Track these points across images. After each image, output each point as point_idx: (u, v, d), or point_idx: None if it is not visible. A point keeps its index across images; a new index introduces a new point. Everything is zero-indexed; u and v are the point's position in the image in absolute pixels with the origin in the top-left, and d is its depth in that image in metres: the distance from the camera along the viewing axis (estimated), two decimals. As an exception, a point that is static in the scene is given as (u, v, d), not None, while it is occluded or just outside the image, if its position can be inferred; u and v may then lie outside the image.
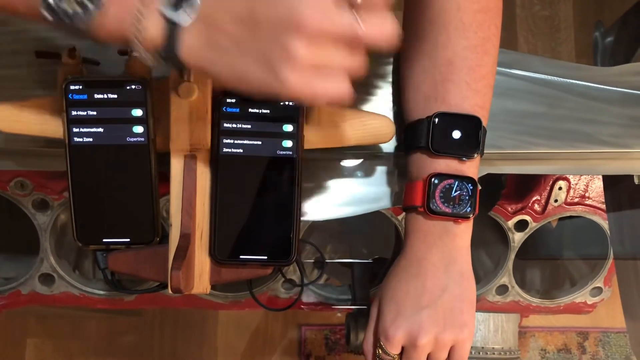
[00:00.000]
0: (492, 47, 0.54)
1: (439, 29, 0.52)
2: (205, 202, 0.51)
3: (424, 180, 0.52)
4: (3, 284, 0.80)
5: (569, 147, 0.59)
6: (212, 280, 0.52)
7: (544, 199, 0.84)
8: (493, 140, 0.58)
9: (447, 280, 0.52)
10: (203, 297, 0.82)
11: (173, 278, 0.46)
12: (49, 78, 0.54)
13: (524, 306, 0.89)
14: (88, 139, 0.50)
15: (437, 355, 0.52)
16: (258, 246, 0.52)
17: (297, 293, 0.81)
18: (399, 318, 0.52)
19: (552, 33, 1.61)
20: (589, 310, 0.93)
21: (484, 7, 0.53)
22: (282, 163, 0.51)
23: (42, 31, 0.56)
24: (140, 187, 0.51)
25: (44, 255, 0.78)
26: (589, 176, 0.84)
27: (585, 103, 0.60)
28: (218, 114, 0.51)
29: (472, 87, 0.53)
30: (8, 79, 0.56)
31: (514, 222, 0.84)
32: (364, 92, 0.59)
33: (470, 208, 0.52)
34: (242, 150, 0.51)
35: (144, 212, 0.52)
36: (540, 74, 0.60)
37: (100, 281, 0.82)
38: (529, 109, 0.60)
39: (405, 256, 0.54)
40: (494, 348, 0.86)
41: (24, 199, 0.75)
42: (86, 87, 0.49)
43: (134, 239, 0.52)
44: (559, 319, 1.49)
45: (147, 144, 0.50)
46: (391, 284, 0.54)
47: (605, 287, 0.90)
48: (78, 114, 0.50)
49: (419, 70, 0.54)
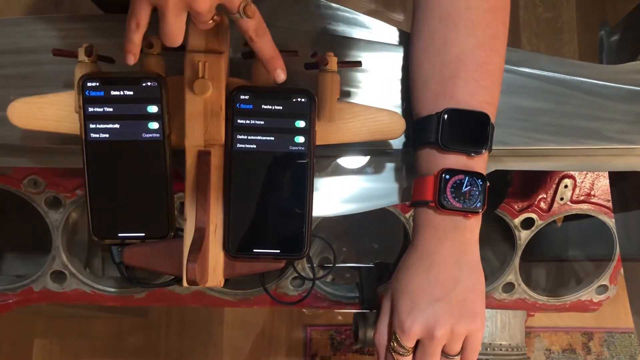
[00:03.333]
0: (500, 45, 0.55)
1: (449, 26, 0.53)
2: (219, 196, 0.52)
3: (434, 176, 0.53)
4: (15, 282, 0.81)
5: (576, 143, 0.60)
6: (225, 274, 0.53)
7: (549, 197, 0.84)
8: (501, 137, 0.59)
9: (459, 272, 0.53)
10: (212, 294, 0.83)
11: (189, 270, 0.47)
12: (66, 76, 0.55)
13: (530, 304, 0.90)
14: (104, 135, 0.51)
15: (452, 346, 0.53)
16: (271, 240, 0.53)
17: (305, 290, 0.81)
18: (414, 311, 0.53)
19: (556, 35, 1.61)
20: (595, 308, 0.93)
21: (492, 6, 0.54)
22: (295, 158, 0.52)
23: (59, 30, 0.58)
24: (155, 182, 0.52)
25: (55, 253, 0.79)
26: (595, 174, 0.85)
27: (591, 100, 0.61)
28: (232, 111, 0.51)
29: (480, 84, 0.54)
30: (26, 77, 0.57)
31: (520, 220, 0.85)
32: (373, 89, 0.60)
33: (480, 203, 0.53)
34: (255, 146, 0.52)
35: (158, 207, 0.53)
36: (547, 72, 0.61)
37: (111, 279, 0.83)
38: (536, 106, 0.60)
39: (416, 250, 0.54)
40: (501, 344, 0.87)
41: (36, 197, 0.76)
42: (103, 84, 0.50)
43: (149, 233, 0.53)
44: (564, 319, 1.49)
45: (162, 140, 0.51)
46: (403, 278, 0.54)
47: (611, 285, 0.91)
48: (94, 110, 0.50)
49: (428, 67, 0.55)
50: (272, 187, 0.52)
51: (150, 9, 0.45)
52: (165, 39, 0.46)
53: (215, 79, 0.50)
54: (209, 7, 0.45)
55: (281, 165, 0.52)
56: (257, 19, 0.47)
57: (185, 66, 0.51)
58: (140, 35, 0.47)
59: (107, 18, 0.60)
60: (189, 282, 0.48)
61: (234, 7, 0.46)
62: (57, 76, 0.57)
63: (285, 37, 0.58)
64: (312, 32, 0.46)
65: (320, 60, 0.53)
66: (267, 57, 0.50)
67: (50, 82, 0.57)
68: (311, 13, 0.61)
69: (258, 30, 0.48)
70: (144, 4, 0.45)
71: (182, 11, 0.45)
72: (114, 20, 0.58)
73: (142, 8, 0.45)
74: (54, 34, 0.58)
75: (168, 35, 0.46)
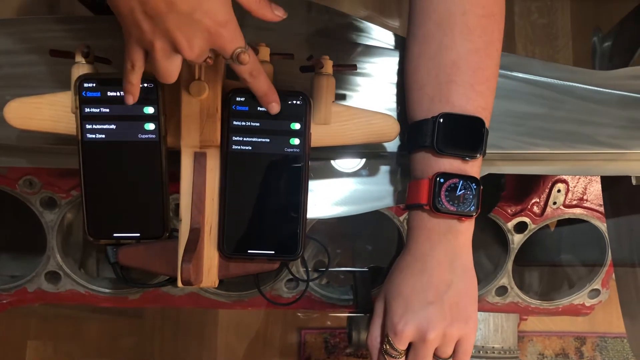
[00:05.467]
0: (495, 50, 0.55)
1: (445, 31, 0.54)
2: (214, 197, 0.53)
3: (429, 179, 0.54)
4: (9, 282, 0.81)
5: (568, 147, 0.61)
6: (220, 275, 0.53)
7: (542, 201, 0.85)
8: (494, 141, 0.59)
9: (452, 275, 0.53)
10: (206, 296, 0.83)
11: (183, 270, 0.48)
12: (62, 77, 0.55)
13: (523, 307, 0.90)
14: (100, 135, 0.51)
15: (444, 349, 0.53)
16: (265, 241, 0.53)
17: (300, 292, 0.82)
18: (407, 313, 0.53)
19: (550, 41, 1.63)
20: (587, 312, 0.94)
21: (488, 12, 0.54)
22: (290, 160, 0.52)
23: (56, 30, 0.58)
24: (151, 182, 0.52)
25: (50, 253, 0.79)
26: (587, 179, 0.86)
27: (584, 105, 0.61)
28: (228, 112, 0.52)
29: (475, 89, 0.54)
30: (22, 77, 0.57)
31: (513, 223, 0.85)
32: (369, 92, 0.60)
33: (474, 207, 0.53)
34: (250, 147, 0.52)
35: (154, 207, 0.53)
36: (540, 77, 0.61)
37: (105, 279, 0.83)
38: (530, 111, 0.61)
39: (410, 252, 0.55)
40: (494, 347, 0.87)
41: (32, 197, 0.76)
42: (99, 84, 0.50)
43: (144, 233, 0.53)
44: (557, 324, 1.50)
45: (158, 140, 0.51)
46: (397, 280, 0.55)
47: (603, 289, 0.92)
48: (91, 111, 0.51)
49: (423, 72, 0.55)
50: (267, 188, 0.53)
51: (142, 51, 0.45)
52: (158, 78, 0.47)
53: (211, 80, 0.51)
54: (197, 54, 0.45)
55: (276, 167, 0.52)
56: (251, 62, 0.47)
57: (181, 68, 0.51)
58: (137, 76, 0.47)
59: (102, 19, 0.60)
60: (184, 282, 0.48)
61: (227, 54, 0.46)
62: (53, 77, 0.57)
63: (281, 40, 0.58)
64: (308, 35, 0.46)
65: (315, 63, 0.54)
66: (261, 94, 0.50)
67: (47, 82, 0.57)
68: (307, 16, 0.62)
69: (252, 72, 0.48)
70: (136, 47, 0.45)
71: (172, 54, 0.45)
72: (109, 21, 0.58)
73: (134, 51, 0.45)
74: (50, 35, 0.58)
75: (161, 76, 0.46)
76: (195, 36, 0.43)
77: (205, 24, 0.43)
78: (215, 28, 0.43)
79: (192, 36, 0.43)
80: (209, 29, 0.43)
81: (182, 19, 0.42)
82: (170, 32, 0.43)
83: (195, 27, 0.43)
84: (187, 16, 0.42)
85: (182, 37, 0.43)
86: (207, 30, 0.43)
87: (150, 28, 0.43)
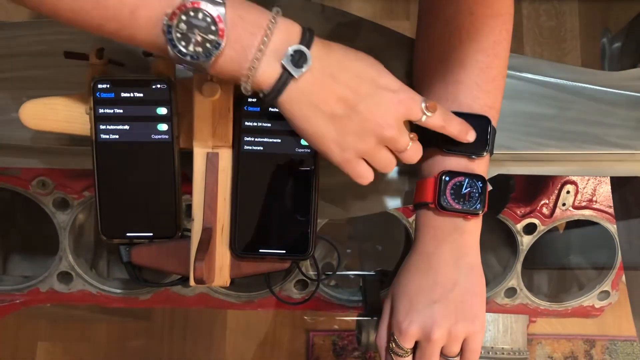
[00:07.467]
0: (503, 50, 0.56)
1: (452, 31, 0.54)
2: (226, 197, 0.53)
3: (435, 177, 0.54)
4: (22, 282, 0.81)
5: (578, 148, 0.61)
6: (232, 274, 0.54)
7: (552, 202, 0.85)
8: (504, 141, 0.60)
9: (458, 274, 0.53)
10: (216, 296, 0.83)
11: (196, 269, 0.48)
12: (77, 78, 0.56)
13: (532, 309, 0.90)
14: (114, 136, 0.52)
15: (450, 348, 0.53)
16: (277, 240, 0.53)
17: (309, 293, 0.82)
18: (412, 312, 0.53)
19: (558, 43, 1.63)
20: (596, 314, 0.94)
21: (496, 12, 0.55)
22: (301, 160, 0.53)
23: (69, 33, 0.59)
24: (164, 183, 0.53)
25: (62, 254, 0.80)
26: (597, 180, 0.86)
27: (593, 106, 0.62)
28: (239, 113, 0.52)
29: (482, 88, 0.54)
30: (37, 80, 0.58)
31: (522, 225, 0.85)
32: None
33: (480, 205, 0.54)
34: (262, 147, 0.53)
35: (167, 207, 0.53)
36: (550, 78, 0.62)
37: (116, 280, 0.84)
38: (539, 111, 0.61)
39: (416, 251, 0.55)
40: (503, 348, 0.87)
41: (44, 198, 0.77)
42: (113, 85, 0.51)
43: (157, 233, 0.54)
44: (566, 327, 1.49)
45: (171, 141, 0.52)
46: (403, 280, 0.55)
47: (612, 291, 0.91)
48: (105, 111, 0.51)
49: (431, 72, 0.56)
50: (279, 188, 0.53)
51: (363, 161, 0.48)
52: (383, 170, 0.49)
53: (223, 81, 0.51)
54: (406, 142, 0.48)
55: (287, 167, 0.53)
56: (439, 109, 0.49)
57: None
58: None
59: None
60: (197, 281, 0.49)
61: (419, 115, 0.48)
62: (68, 78, 0.58)
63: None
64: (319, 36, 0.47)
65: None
66: (456, 133, 0.51)
67: (61, 84, 0.58)
68: (318, 18, 0.62)
69: (445, 117, 0.50)
70: (356, 159, 0.48)
71: (382, 148, 0.48)
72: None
73: (358, 164, 0.48)
74: (64, 37, 0.59)
75: (381, 168, 0.49)
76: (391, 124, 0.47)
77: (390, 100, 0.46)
78: (396, 98, 0.46)
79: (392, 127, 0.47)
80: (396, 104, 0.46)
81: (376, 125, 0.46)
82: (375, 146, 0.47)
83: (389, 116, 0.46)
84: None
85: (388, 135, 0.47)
86: (394, 105, 0.46)
87: (368, 146, 0.47)
